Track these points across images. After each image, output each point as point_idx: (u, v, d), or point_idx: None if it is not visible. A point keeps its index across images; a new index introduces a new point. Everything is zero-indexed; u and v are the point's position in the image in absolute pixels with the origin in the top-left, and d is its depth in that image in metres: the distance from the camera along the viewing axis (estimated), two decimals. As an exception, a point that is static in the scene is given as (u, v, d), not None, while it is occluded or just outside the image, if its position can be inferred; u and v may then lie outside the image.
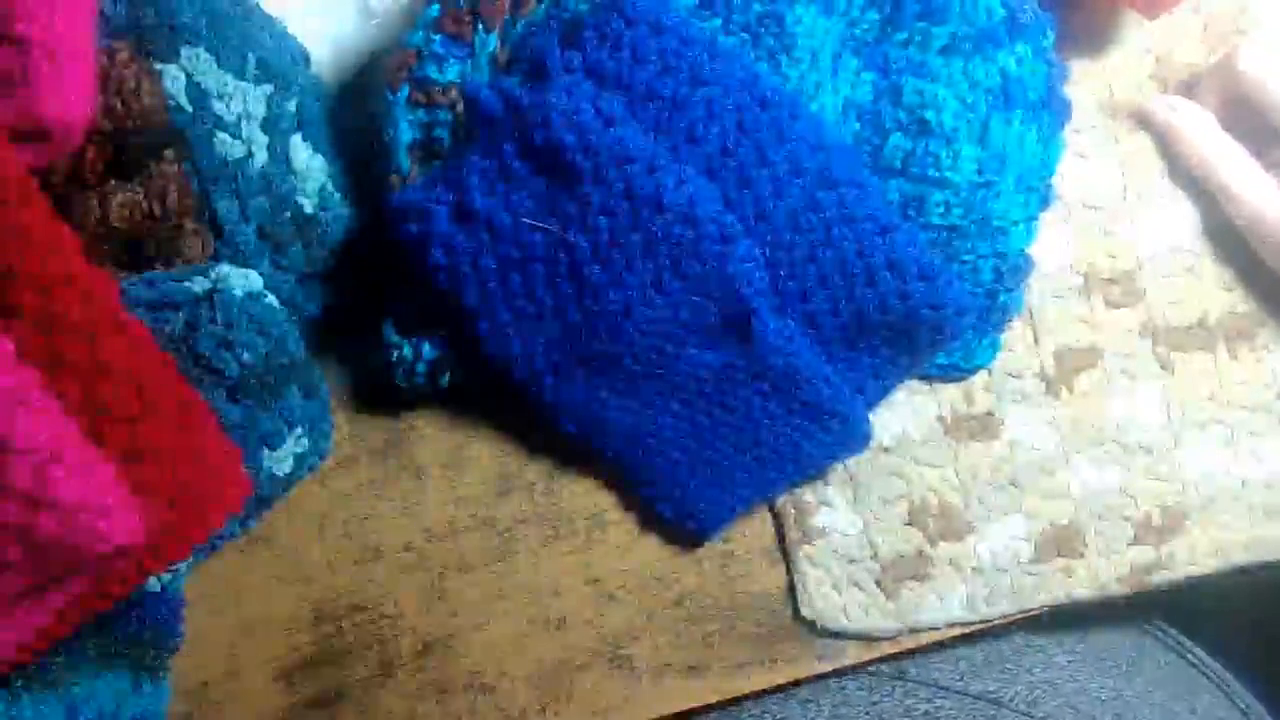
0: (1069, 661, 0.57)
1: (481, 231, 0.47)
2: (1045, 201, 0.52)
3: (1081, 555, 0.54)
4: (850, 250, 0.47)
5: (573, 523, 0.54)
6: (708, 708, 0.54)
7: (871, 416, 0.52)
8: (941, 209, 0.49)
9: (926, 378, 0.54)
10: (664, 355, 0.49)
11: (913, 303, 0.48)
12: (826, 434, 0.51)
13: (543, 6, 0.48)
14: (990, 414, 0.54)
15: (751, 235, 0.47)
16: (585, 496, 0.55)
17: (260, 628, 0.53)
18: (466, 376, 0.51)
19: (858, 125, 0.50)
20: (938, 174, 0.49)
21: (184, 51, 0.48)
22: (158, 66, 0.48)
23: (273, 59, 0.49)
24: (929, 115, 0.49)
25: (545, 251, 0.47)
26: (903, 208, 0.50)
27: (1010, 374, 0.54)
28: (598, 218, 0.46)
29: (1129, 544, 0.54)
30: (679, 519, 0.53)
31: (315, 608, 0.53)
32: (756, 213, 0.47)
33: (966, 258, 0.50)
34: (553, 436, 0.52)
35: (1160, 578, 0.54)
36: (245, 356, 0.46)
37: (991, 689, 0.54)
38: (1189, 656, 0.59)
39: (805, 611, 0.54)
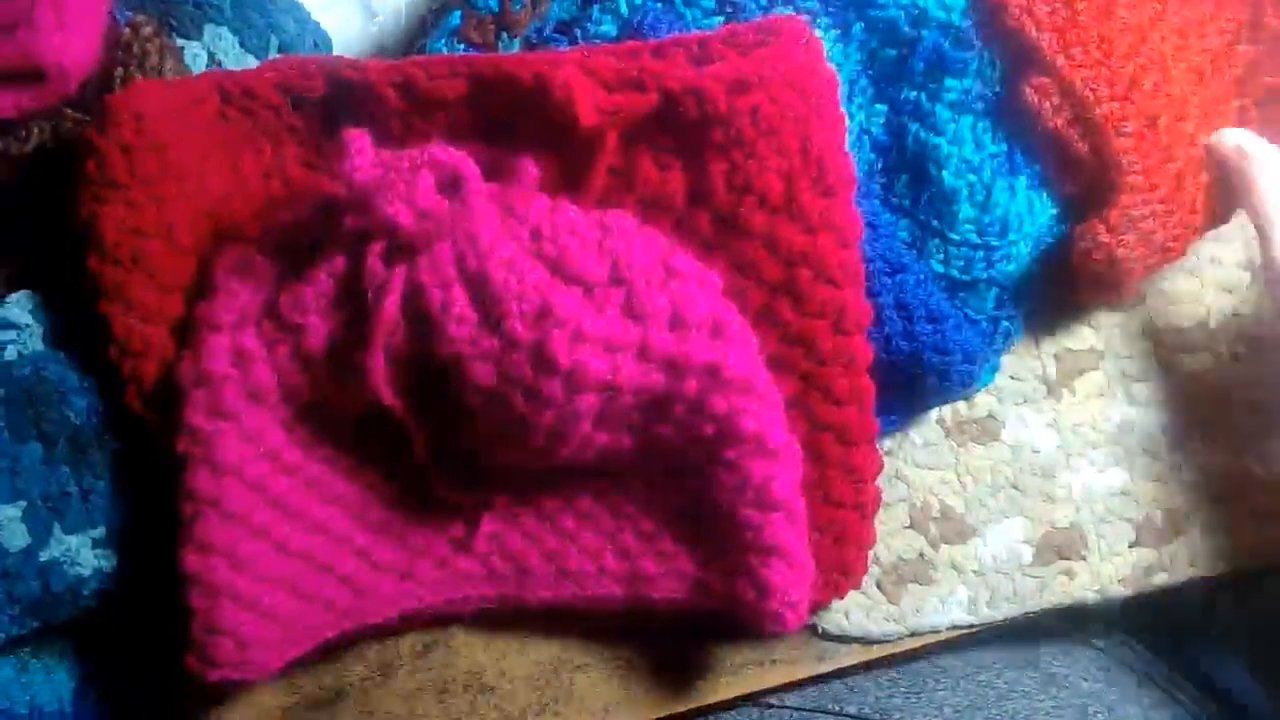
0: (1015, 679, 0.57)
1: None
2: (1055, 235, 0.50)
3: (1083, 557, 0.54)
4: None
5: (574, 522, 0.54)
6: (708, 707, 0.54)
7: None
8: (941, 257, 0.49)
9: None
10: None
11: (919, 344, 0.48)
12: None
13: (555, 3, 0.48)
14: (991, 416, 0.55)
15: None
16: (587, 496, 0.54)
17: (260, 626, 0.53)
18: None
19: (873, 155, 0.49)
20: (939, 225, 0.48)
21: (207, 29, 0.48)
22: (180, 42, 0.48)
23: (295, 44, 0.50)
24: (930, 170, 0.48)
25: None
26: (910, 245, 0.49)
27: (1011, 376, 0.55)
28: None
29: (1130, 546, 0.54)
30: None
31: (316, 606, 0.53)
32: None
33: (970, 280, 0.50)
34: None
35: (1161, 580, 0.54)
36: None
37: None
38: (1152, 673, 0.59)
39: (806, 613, 0.54)
